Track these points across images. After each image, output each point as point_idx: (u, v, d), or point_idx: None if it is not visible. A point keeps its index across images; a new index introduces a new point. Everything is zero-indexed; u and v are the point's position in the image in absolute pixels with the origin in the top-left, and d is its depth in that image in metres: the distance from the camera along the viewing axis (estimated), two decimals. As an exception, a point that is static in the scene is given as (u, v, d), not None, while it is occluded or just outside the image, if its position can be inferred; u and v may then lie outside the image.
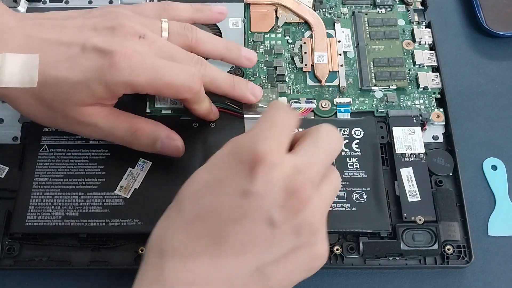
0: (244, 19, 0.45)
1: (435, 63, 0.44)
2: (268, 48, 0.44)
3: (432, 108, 0.42)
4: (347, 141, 0.39)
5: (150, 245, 0.28)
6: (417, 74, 0.43)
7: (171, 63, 0.34)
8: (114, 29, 0.33)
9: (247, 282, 0.27)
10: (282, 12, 0.46)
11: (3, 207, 0.37)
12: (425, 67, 0.44)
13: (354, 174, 0.38)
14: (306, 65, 0.43)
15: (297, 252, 0.27)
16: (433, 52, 0.44)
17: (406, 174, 0.39)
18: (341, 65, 0.44)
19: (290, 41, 0.45)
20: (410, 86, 0.43)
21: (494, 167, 0.41)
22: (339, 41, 0.45)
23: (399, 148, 0.40)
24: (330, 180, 0.29)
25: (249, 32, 0.45)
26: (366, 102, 0.42)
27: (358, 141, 0.39)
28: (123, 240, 0.36)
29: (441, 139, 0.41)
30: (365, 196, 0.37)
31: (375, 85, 0.42)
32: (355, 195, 0.37)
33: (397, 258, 0.37)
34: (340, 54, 0.44)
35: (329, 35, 0.45)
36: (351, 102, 0.42)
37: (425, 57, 0.44)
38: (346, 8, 0.47)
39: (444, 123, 0.41)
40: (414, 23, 0.46)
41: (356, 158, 0.39)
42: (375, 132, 0.40)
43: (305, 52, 0.44)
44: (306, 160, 0.28)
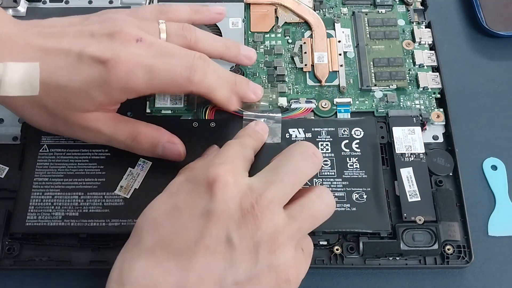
0: (244, 19, 0.45)
1: (435, 63, 0.44)
2: (268, 48, 0.44)
3: (432, 108, 0.42)
4: (347, 141, 0.39)
5: (111, 278, 0.27)
6: (417, 74, 0.43)
7: (165, 59, 0.33)
8: (111, 36, 0.33)
9: None
10: (282, 12, 0.46)
11: (3, 207, 0.37)
12: (425, 67, 0.44)
13: (354, 174, 0.38)
14: (306, 65, 0.43)
15: (260, 275, 0.27)
16: (433, 52, 0.44)
17: (406, 174, 0.39)
18: (341, 65, 0.44)
19: (290, 41, 0.45)
20: (410, 86, 0.43)
21: (494, 167, 0.41)
22: (339, 41, 0.45)
23: (399, 148, 0.40)
24: (304, 203, 0.30)
25: (249, 32, 0.45)
26: (366, 102, 0.42)
27: (358, 141, 0.39)
28: (123, 240, 0.36)
29: (441, 139, 0.41)
30: (365, 196, 0.37)
31: (375, 85, 0.42)
32: (355, 195, 0.37)
33: (397, 258, 0.37)
34: (340, 54, 0.44)
35: (329, 35, 0.45)
36: (351, 102, 0.42)
37: (425, 57, 0.44)
38: (346, 8, 0.47)
39: (444, 123, 0.41)
40: (414, 23, 0.46)
41: (356, 158, 0.38)
42: (375, 132, 0.40)
43: (305, 52, 0.44)
44: (264, 180, 0.29)
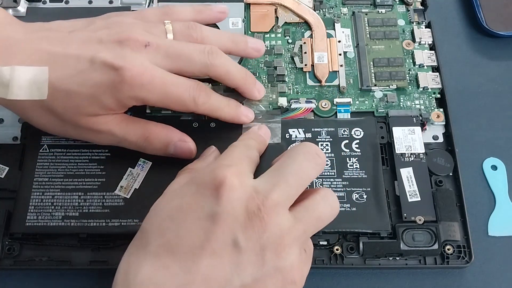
0: (244, 19, 0.45)
1: (435, 63, 0.44)
2: (268, 48, 0.44)
3: (432, 108, 0.42)
4: (347, 141, 0.39)
5: (116, 281, 0.27)
6: (417, 74, 0.43)
7: (178, 79, 0.34)
8: (120, 43, 0.33)
9: None
10: (282, 12, 0.46)
11: (3, 207, 0.37)
12: (425, 67, 0.44)
13: (354, 174, 0.38)
14: (306, 65, 0.43)
15: (266, 278, 0.27)
16: (433, 52, 0.44)
17: (406, 174, 0.39)
18: (341, 65, 0.44)
19: (290, 41, 0.45)
20: (410, 86, 0.43)
21: (494, 167, 0.41)
22: (339, 41, 0.45)
23: (399, 148, 0.39)
24: (309, 204, 0.30)
25: (249, 32, 0.45)
26: (366, 102, 0.42)
27: (358, 141, 0.39)
28: (123, 240, 0.36)
29: (441, 139, 0.41)
30: (365, 196, 0.37)
31: (375, 85, 0.42)
32: (355, 195, 0.37)
33: (397, 258, 0.37)
34: (340, 54, 0.44)
35: (329, 35, 0.45)
36: (351, 102, 0.42)
37: (425, 57, 0.44)
38: (346, 8, 0.47)
39: (444, 123, 0.41)
40: (414, 23, 0.46)
41: (356, 158, 0.38)
42: (375, 132, 0.40)
43: (305, 52, 0.44)
44: (269, 182, 0.29)
